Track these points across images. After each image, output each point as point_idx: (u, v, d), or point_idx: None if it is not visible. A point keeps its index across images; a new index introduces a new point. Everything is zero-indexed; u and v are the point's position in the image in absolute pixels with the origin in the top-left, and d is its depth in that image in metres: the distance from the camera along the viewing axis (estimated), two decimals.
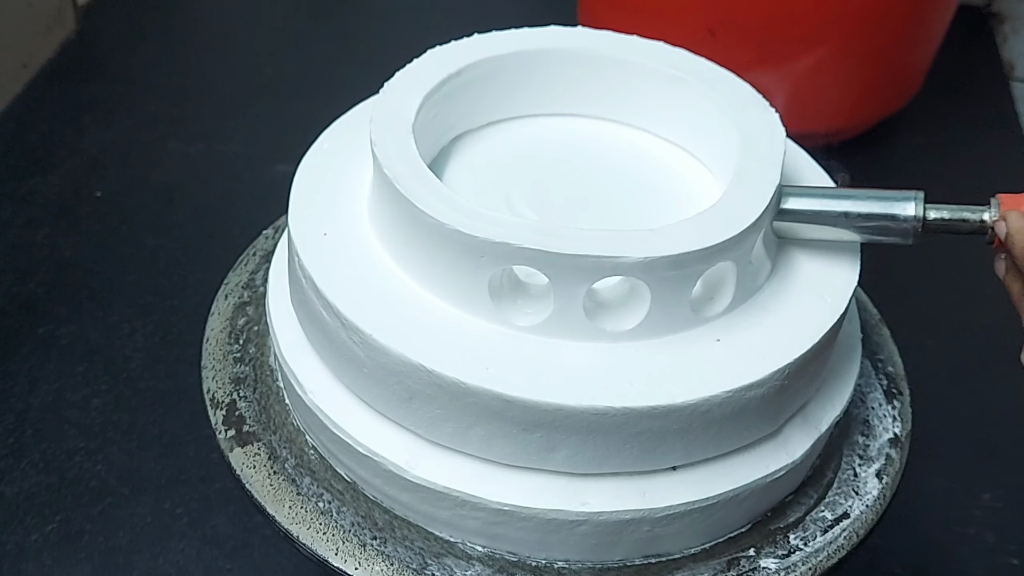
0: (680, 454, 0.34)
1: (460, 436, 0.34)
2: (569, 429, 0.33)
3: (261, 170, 0.76)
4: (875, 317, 0.47)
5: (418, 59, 0.40)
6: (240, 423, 0.40)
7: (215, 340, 0.44)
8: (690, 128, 0.42)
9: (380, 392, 0.35)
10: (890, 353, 0.45)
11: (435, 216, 0.33)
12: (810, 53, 0.71)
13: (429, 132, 0.39)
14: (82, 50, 0.89)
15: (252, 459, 0.39)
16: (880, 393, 0.43)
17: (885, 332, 0.47)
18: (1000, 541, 0.55)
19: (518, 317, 0.34)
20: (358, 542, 0.37)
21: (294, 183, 0.39)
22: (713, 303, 0.36)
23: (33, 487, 0.55)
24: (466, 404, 0.33)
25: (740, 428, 0.35)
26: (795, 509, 0.38)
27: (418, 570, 0.36)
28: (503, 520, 0.35)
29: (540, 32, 0.42)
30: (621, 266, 0.32)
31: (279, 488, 0.38)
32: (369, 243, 0.37)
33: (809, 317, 0.36)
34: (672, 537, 0.36)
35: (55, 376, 0.61)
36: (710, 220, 0.34)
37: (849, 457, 0.40)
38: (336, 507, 0.38)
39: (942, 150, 0.85)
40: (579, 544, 0.35)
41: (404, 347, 0.33)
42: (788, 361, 0.34)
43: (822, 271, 0.38)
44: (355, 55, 0.90)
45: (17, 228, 0.70)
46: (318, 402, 0.37)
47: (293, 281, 0.38)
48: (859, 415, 0.42)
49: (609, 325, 0.34)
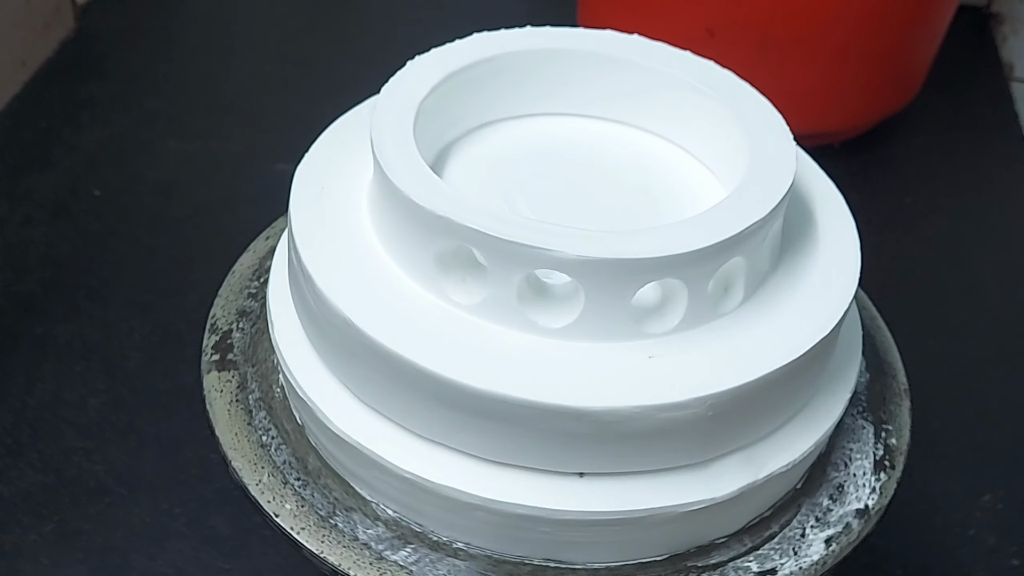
0: (588, 462, 0.33)
1: (380, 399, 0.35)
2: (474, 411, 0.33)
3: (261, 169, 0.76)
4: (875, 317, 0.47)
5: (418, 58, 0.40)
6: (227, 351, 0.42)
7: (240, 274, 0.45)
8: (693, 130, 0.42)
9: (323, 343, 0.36)
10: (900, 425, 0.41)
11: (477, 228, 0.33)
12: (810, 53, 0.71)
13: (430, 132, 0.39)
14: (81, 48, 0.89)
15: (223, 384, 0.41)
16: (870, 462, 0.40)
17: (887, 338, 0.45)
18: (1001, 542, 0.55)
19: (458, 295, 0.34)
20: (282, 479, 0.38)
21: (294, 182, 0.39)
22: (658, 320, 0.34)
23: (30, 487, 0.55)
24: (386, 366, 0.33)
25: (657, 449, 0.33)
26: (721, 552, 0.36)
27: (324, 517, 0.37)
28: (408, 489, 0.35)
29: (541, 32, 0.42)
30: (554, 260, 0.32)
31: (234, 415, 0.40)
32: (370, 243, 0.37)
33: (764, 351, 0.34)
34: (575, 546, 0.35)
35: (52, 375, 0.60)
36: (688, 226, 0.33)
37: (805, 516, 0.38)
38: (277, 444, 0.39)
39: (942, 150, 0.85)
40: (478, 529, 0.35)
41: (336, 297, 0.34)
42: (711, 392, 0.32)
43: (809, 297, 0.36)
44: (355, 55, 0.90)
45: (14, 226, 0.70)
46: (279, 342, 0.39)
47: (293, 278, 0.38)
48: (835, 478, 0.39)
49: (543, 320, 0.34)
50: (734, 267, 0.35)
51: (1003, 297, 0.71)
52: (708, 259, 0.33)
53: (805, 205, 0.40)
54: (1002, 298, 0.71)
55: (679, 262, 0.33)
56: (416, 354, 0.33)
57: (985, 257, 0.75)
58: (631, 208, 0.41)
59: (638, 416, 0.32)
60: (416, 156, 0.35)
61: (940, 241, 0.76)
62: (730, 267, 0.35)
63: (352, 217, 0.38)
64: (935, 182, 0.82)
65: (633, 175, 0.42)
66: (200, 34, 0.94)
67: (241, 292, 0.45)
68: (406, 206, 0.34)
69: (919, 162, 0.83)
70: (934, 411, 0.61)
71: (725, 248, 0.33)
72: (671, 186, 0.42)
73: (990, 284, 0.73)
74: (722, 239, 0.33)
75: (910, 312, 0.68)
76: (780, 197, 0.35)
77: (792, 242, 0.38)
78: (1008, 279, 0.73)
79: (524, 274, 0.33)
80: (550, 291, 0.35)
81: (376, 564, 0.36)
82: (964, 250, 0.75)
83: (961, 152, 0.85)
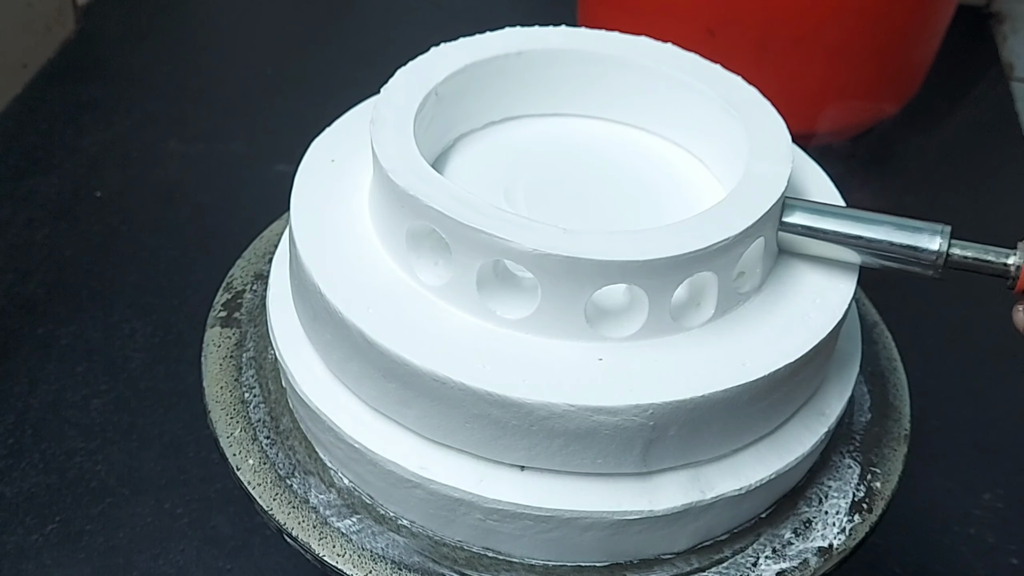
0: (528, 455, 0.34)
1: (341, 367, 0.36)
2: (417, 388, 0.33)
3: (261, 170, 0.76)
4: (874, 316, 0.47)
5: (418, 58, 0.40)
6: (235, 309, 0.44)
7: (267, 239, 0.47)
8: (693, 130, 0.42)
9: (303, 310, 0.38)
10: (889, 470, 0.40)
11: (440, 210, 0.33)
12: (810, 53, 0.71)
13: (430, 132, 0.39)
14: (82, 50, 0.89)
15: (222, 340, 0.43)
16: (847, 502, 0.39)
17: (901, 379, 0.44)
18: (1000, 541, 0.55)
19: (428, 275, 0.35)
20: (252, 436, 0.39)
21: (295, 182, 0.39)
22: (617, 325, 0.34)
23: (33, 487, 0.55)
24: (345, 334, 0.34)
25: (595, 452, 0.33)
26: (664, 568, 0.36)
27: (283, 476, 0.38)
28: (357, 458, 0.36)
29: (541, 32, 0.42)
30: (512, 252, 0.32)
31: (224, 370, 0.42)
32: (365, 230, 0.37)
33: (717, 370, 0.33)
34: (513, 539, 0.35)
35: (55, 376, 0.61)
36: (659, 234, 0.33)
37: (762, 546, 0.37)
38: (257, 402, 0.40)
39: (942, 150, 0.85)
40: (418, 507, 0.36)
41: (312, 266, 0.35)
42: (651, 402, 0.32)
43: (792, 316, 0.35)
44: (355, 55, 0.90)
45: (17, 228, 0.70)
46: (271, 303, 0.40)
47: (294, 278, 0.39)
48: (804, 513, 0.38)
49: (502, 309, 0.34)
50: (704, 281, 0.35)
51: (1003, 297, 0.71)
52: (668, 270, 0.33)
53: None
54: (1002, 298, 0.71)
55: (636, 269, 0.33)
56: (367, 324, 0.34)
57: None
58: (630, 207, 0.41)
59: (572, 415, 0.32)
60: (411, 144, 0.36)
61: None
62: (699, 281, 0.35)
63: (351, 210, 0.38)
64: (935, 182, 0.82)
65: (634, 174, 0.42)
66: (201, 36, 0.94)
67: (263, 256, 0.46)
68: (386, 184, 0.35)
69: (919, 162, 0.83)
70: (934, 411, 0.61)
71: (687, 262, 0.33)
72: (671, 185, 0.42)
73: (990, 284, 0.72)
74: (683, 252, 0.33)
75: (910, 312, 0.68)
76: (751, 222, 0.34)
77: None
78: None
79: (484, 261, 0.33)
80: (520, 284, 0.35)
81: (319, 529, 0.37)
82: None
83: (961, 152, 0.85)
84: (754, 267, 0.36)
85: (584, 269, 0.32)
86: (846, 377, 0.40)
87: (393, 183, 0.34)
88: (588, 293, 0.33)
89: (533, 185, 0.41)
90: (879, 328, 0.46)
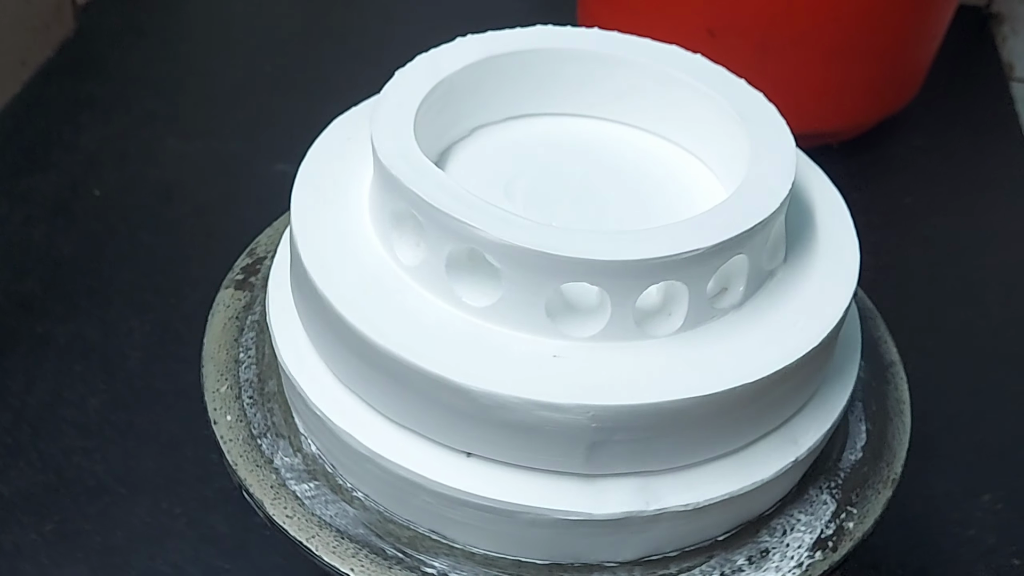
0: (475, 443, 0.34)
1: (315, 337, 0.37)
2: (375, 364, 0.33)
3: (261, 169, 0.76)
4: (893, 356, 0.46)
5: (419, 58, 0.40)
6: (252, 274, 0.44)
7: None
8: (694, 130, 0.42)
9: (293, 278, 0.38)
10: (866, 512, 0.38)
11: (416, 192, 0.33)
12: (810, 53, 0.71)
13: (430, 132, 0.39)
14: (80, 48, 0.89)
15: (232, 301, 0.43)
16: (811, 538, 0.37)
17: (905, 422, 0.42)
18: (1000, 542, 0.55)
19: (406, 256, 0.35)
20: (236, 395, 0.40)
21: (296, 182, 0.39)
22: (579, 324, 0.34)
23: (30, 486, 0.55)
24: (317, 306, 0.35)
25: (540, 447, 0.33)
26: (602, 574, 0.36)
27: (254, 436, 0.39)
28: (320, 427, 0.37)
29: (542, 32, 0.42)
30: (478, 239, 0.32)
31: (226, 330, 0.42)
32: (371, 242, 0.37)
33: (673, 378, 0.33)
34: (456, 524, 0.35)
35: (52, 375, 0.60)
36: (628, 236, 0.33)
37: (711, 568, 0.36)
38: (250, 363, 0.41)
39: (942, 150, 0.85)
40: (372, 482, 0.36)
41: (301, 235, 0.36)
42: (592, 403, 0.31)
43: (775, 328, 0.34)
44: (355, 55, 0.90)
45: (14, 226, 0.70)
46: (272, 275, 0.41)
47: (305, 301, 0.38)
48: (764, 542, 0.37)
49: (468, 296, 0.34)
50: (676, 291, 0.34)
51: (1003, 297, 0.71)
52: (630, 273, 0.32)
53: (805, 205, 0.40)
54: (1002, 298, 0.71)
55: (598, 269, 0.32)
56: (336, 295, 0.34)
57: (985, 257, 0.75)
58: (632, 208, 0.40)
59: (516, 407, 0.32)
60: (418, 151, 0.36)
61: (940, 241, 0.76)
62: (671, 290, 0.34)
63: (355, 216, 0.38)
64: (935, 182, 0.82)
65: (634, 175, 0.42)
66: (200, 34, 0.94)
67: None
68: (376, 163, 0.35)
69: (919, 162, 0.83)
70: (934, 411, 0.61)
71: (651, 268, 0.32)
72: (672, 186, 0.42)
73: (990, 284, 0.73)
74: (646, 257, 0.32)
75: (910, 312, 0.68)
76: (722, 238, 0.33)
77: (791, 243, 0.38)
78: (1008, 279, 0.73)
79: (454, 246, 0.33)
80: (493, 274, 0.35)
81: (275, 490, 0.37)
82: (964, 250, 0.75)
83: (961, 152, 0.85)
84: (737, 284, 0.35)
85: (546, 263, 0.32)
86: (829, 409, 0.38)
87: (380, 163, 0.35)
88: (549, 288, 0.32)
89: (535, 184, 0.41)
90: (895, 368, 0.44)
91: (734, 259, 0.34)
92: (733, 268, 0.35)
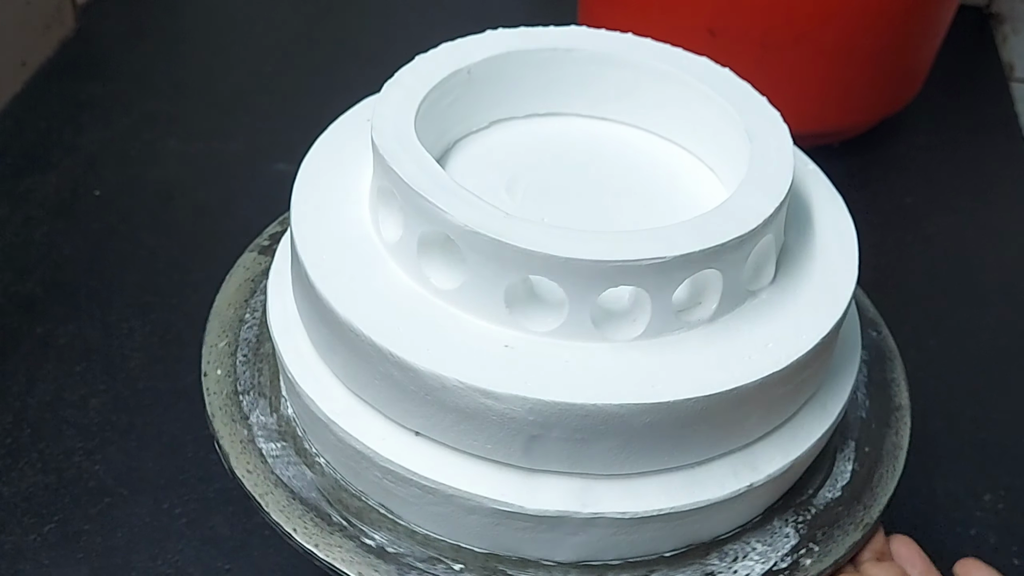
0: (420, 422, 0.34)
1: (298, 305, 0.38)
2: (339, 337, 0.34)
3: (261, 169, 0.76)
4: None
5: (419, 58, 0.40)
6: (276, 241, 0.45)
7: None
8: (694, 130, 0.42)
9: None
10: (828, 551, 0.37)
11: (399, 174, 0.34)
12: (810, 53, 0.71)
13: (430, 132, 0.39)
14: (81, 48, 0.89)
15: (252, 264, 0.46)
16: (763, 568, 0.37)
17: (905, 429, 0.42)
18: (1002, 542, 0.55)
19: (389, 232, 0.36)
20: (232, 351, 0.42)
21: (296, 182, 0.39)
22: (540, 319, 0.34)
23: (31, 487, 0.55)
24: (299, 276, 0.36)
25: (480, 434, 0.33)
26: (539, 571, 0.36)
27: (238, 392, 0.41)
28: (292, 391, 0.38)
29: (542, 32, 0.42)
30: (445, 222, 0.33)
31: (239, 291, 0.45)
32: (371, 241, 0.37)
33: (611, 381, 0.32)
34: (402, 502, 0.36)
35: (53, 376, 0.60)
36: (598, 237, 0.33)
37: None
38: (252, 323, 0.43)
39: (942, 150, 0.85)
40: (331, 450, 0.37)
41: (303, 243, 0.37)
42: (528, 396, 0.32)
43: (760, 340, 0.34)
44: (355, 55, 0.90)
45: (15, 227, 0.70)
46: (277, 255, 0.42)
47: (295, 278, 0.39)
48: (712, 567, 0.36)
49: (435, 278, 0.35)
50: (637, 296, 0.34)
51: (1003, 297, 0.71)
52: (588, 273, 0.32)
53: (805, 205, 0.40)
54: (1002, 298, 0.71)
55: (555, 265, 0.32)
56: (315, 269, 0.35)
57: (985, 257, 0.75)
58: (631, 207, 0.41)
59: (460, 392, 0.32)
60: (420, 149, 0.36)
61: (940, 241, 0.76)
62: (636, 296, 0.34)
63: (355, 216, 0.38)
64: (935, 182, 0.82)
65: (635, 174, 0.42)
66: (200, 34, 0.94)
67: None
68: (372, 143, 0.36)
69: (919, 162, 0.83)
70: (934, 411, 0.61)
71: (609, 270, 0.32)
72: (672, 185, 0.42)
73: (990, 284, 0.72)
74: (604, 259, 0.32)
75: (910, 312, 0.68)
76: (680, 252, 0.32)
77: (791, 243, 0.38)
78: (1008, 279, 0.72)
79: (426, 228, 0.34)
80: (463, 259, 0.35)
81: (243, 445, 0.39)
82: (964, 250, 0.75)
83: (961, 152, 0.85)
84: (710, 299, 0.35)
85: (507, 253, 0.32)
86: (800, 442, 0.37)
87: (372, 140, 0.36)
88: (509, 278, 0.33)
89: (535, 183, 0.41)
90: (901, 412, 0.43)
91: (704, 273, 0.34)
92: (704, 282, 0.35)
